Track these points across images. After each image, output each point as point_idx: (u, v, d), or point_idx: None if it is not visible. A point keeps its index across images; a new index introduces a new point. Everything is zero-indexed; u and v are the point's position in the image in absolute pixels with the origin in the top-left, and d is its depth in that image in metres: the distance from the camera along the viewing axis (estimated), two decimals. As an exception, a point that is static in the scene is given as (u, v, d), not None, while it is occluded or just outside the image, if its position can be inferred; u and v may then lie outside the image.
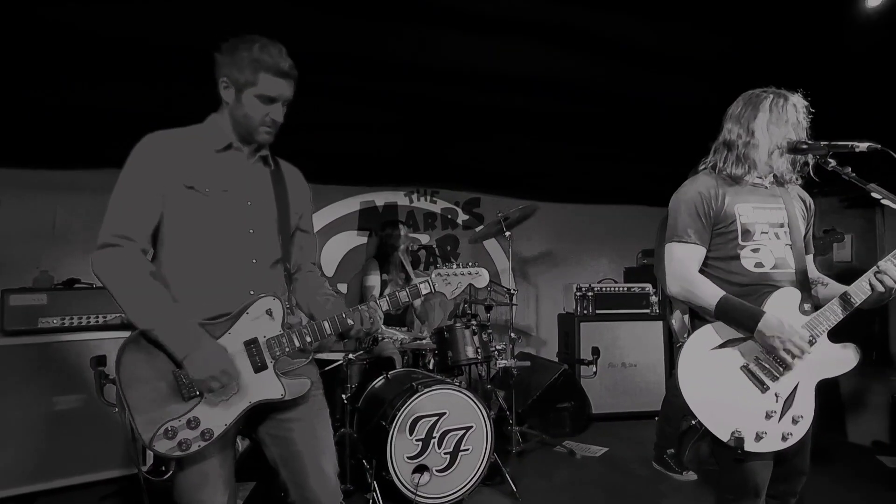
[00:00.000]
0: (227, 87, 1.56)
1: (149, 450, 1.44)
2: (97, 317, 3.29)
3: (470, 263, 1.82)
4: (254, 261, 1.58)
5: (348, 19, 3.10)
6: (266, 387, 1.54)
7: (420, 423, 2.87)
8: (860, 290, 1.72)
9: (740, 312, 1.72)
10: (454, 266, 1.78)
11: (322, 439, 1.66)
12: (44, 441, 3.04)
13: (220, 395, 1.47)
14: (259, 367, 1.53)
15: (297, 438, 1.61)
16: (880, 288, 1.68)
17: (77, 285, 3.45)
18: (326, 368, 3.14)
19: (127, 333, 1.53)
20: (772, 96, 1.82)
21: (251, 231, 1.59)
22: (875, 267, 1.70)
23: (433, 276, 1.75)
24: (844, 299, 1.73)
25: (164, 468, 2.80)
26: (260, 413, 1.60)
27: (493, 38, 3.38)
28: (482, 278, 1.82)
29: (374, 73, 3.74)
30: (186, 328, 1.47)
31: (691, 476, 3.38)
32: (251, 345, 1.53)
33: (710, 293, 1.76)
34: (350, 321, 1.61)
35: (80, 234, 3.91)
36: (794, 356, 1.68)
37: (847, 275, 1.89)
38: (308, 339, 1.57)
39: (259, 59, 1.51)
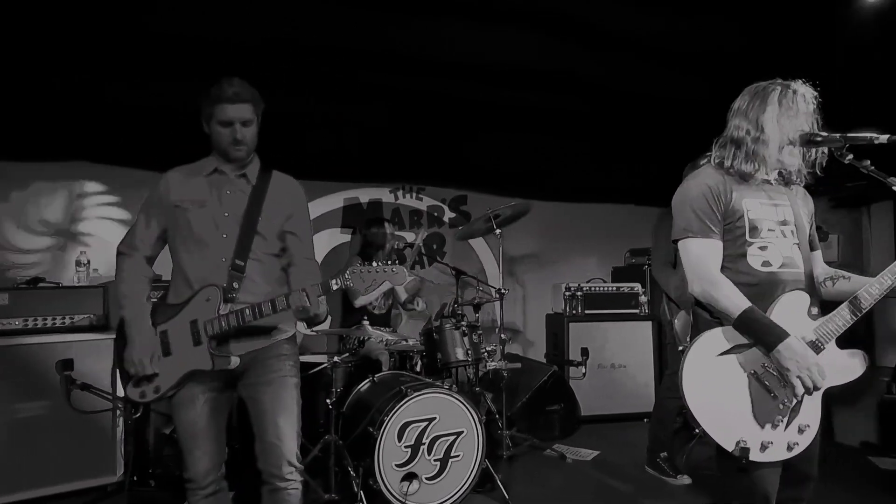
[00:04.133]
0: (205, 123, 1.97)
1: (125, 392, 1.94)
2: (64, 318, 3.10)
3: (389, 262, 1.90)
4: (223, 259, 1.93)
5: (337, 7, 2.98)
6: (199, 359, 1.88)
7: (409, 428, 2.75)
8: (869, 294, 1.65)
9: (764, 330, 1.64)
10: (371, 263, 1.89)
11: (283, 401, 1.95)
12: (5, 451, 2.86)
13: (138, 371, 1.89)
14: (197, 342, 1.89)
15: (264, 400, 1.94)
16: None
17: (42, 284, 3.25)
18: (310, 372, 3.00)
19: (94, 335, 1.87)
20: (779, 88, 1.74)
21: (224, 236, 1.95)
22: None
23: (346, 272, 1.85)
24: (854, 304, 1.66)
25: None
26: (241, 377, 1.98)
27: (482, 29, 3.28)
28: (399, 276, 1.87)
29: (357, 65, 3.62)
30: (137, 323, 1.92)
31: (685, 480, 3.31)
32: (193, 324, 1.89)
33: (734, 301, 1.67)
34: (282, 303, 1.85)
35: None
36: (804, 385, 1.62)
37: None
38: (232, 324, 1.86)
39: (211, 93, 1.90)
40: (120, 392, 3.06)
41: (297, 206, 2.09)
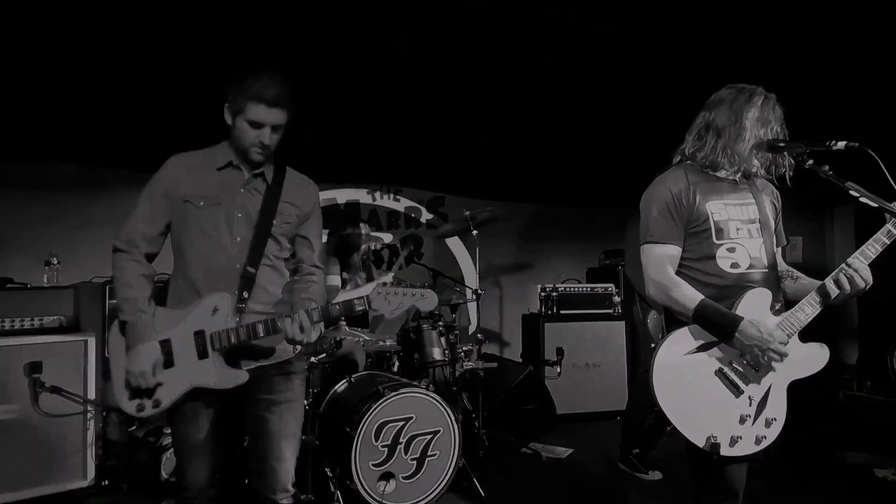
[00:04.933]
0: (227, 112, 1.79)
1: (119, 406, 1.77)
2: (32, 320, 3.02)
3: (419, 284, 1.79)
4: (237, 265, 1.78)
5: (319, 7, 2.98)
6: (204, 373, 1.73)
7: (386, 428, 2.76)
8: (836, 285, 1.70)
9: (718, 318, 1.70)
10: (400, 283, 1.78)
11: (289, 425, 1.86)
12: (-30, 457, 2.77)
13: (140, 383, 1.71)
14: (202, 355, 1.73)
15: (270, 420, 1.82)
16: (846, 287, 1.66)
17: (10, 285, 3.17)
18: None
19: (64, 337, 1.79)
20: (763, 96, 1.80)
21: (237, 239, 1.80)
22: (844, 263, 1.68)
23: (373, 291, 1.73)
24: (822, 293, 1.71)
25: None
26: (247, 392, 1.82)
27: (454, 31, 3.31)
28: (429, 301, 1.75)
29: (334, 64, 3.61)
30: (140, 330, 1.72)
31: (656, 475, 3.39)
32: (198, 335, 1.73)
33: (688, 297, 1.73)
34: (282, 326, 1.73)
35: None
36: (772, 361, 1.68)
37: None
38: (240, 338, 1.72)
39: (247, 89, 1.72)
40: (91, 395, 3.03)
41: (313, 208, 1.95)
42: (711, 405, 1.69)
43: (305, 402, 2.89)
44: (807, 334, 1.78)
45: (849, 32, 3.03)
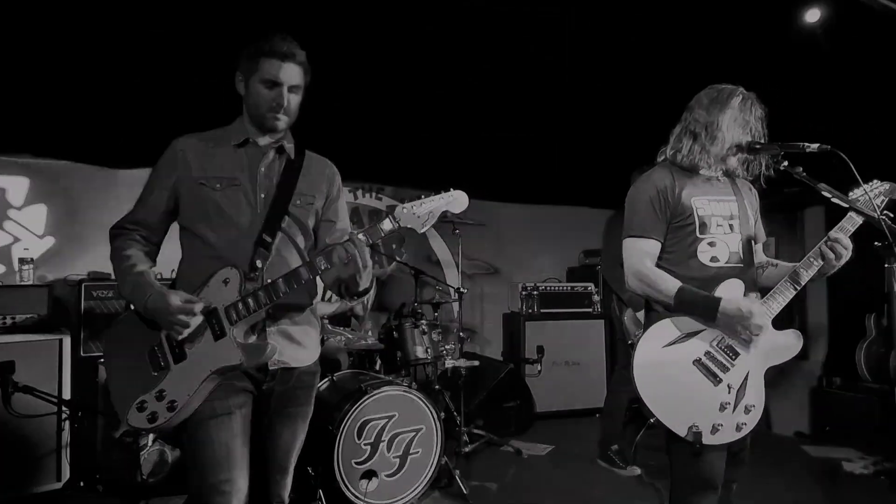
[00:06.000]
0: (241, 80, 1.67)
1: (125, 425, 1.54)
2: (3, 318, 2.95)
3: (442, 190, 1.59)
4: (253, 235, 1.62)
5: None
6: (225, 354, 1.53)
7: (369, 426, 2.76)
8: (808, 267, 1.76)
9: (699, 301, 1.75)
10: (421, 196, 1.58)
11: (299, 438, 1.75)
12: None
13: (181, 322, 1.51)
14: (218, 335, 1.54)
15: (282, 433, 1.70)
16: (831, 255, 1.72)
17: (-20, 283, 3.09)
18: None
19: (38, 336, 1.70)
20: (741, 96, 1.85)
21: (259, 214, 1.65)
22: (826, 237, 1.74)
23: (397, 210, 1.55)
24: (793, 278, 1.77)
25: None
26: (266, 402, 1.67)
27: (441, 31, 3.32)
28: (459, 202, 1.60)
29: (317, 62, 3.59)
30: (145, 282, 1.57)
31: (635, 471, 3.45)
32: (210, 314, 1.54)
33: (668, 285, 1.78)
34: (323, 262, 1.52)
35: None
36: (753, 337, 1.72)
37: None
38: (262, 302, 1.54)
39: (260, 46, 1.61)
40: (66, 395, 2.97)
41: (337, 191, 1.82)
42: (692, 395, 1.73)
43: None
44: (776, 327, 1.83)
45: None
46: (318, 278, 1.59)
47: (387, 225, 1.54)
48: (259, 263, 1.59)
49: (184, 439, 1.57)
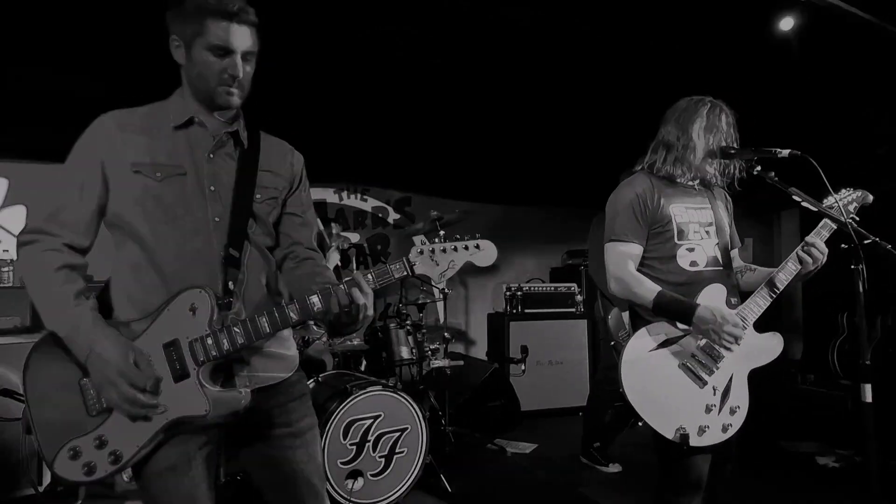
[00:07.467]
0: (178, 45, 1.33)
1: (51, 472, 1.23)
2: (-17, 321, 2.92)
3: (468, 237, 1.38)
4: (217, 250, 1.32)
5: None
6: (187, 400, 1.22)
7: (355, 426, 2.78)
8: (786, 273, 1.82)
9: (676, 307, 1.80)
10: (444, 240, 1.37)
11: (317, 459, 1.47)
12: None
13: (136, 408, 1.21)
14: (179, 376, 1.23)
15: (295, 459, 1.41)
16: (808, 260, 1.78)
17: (-41, 285, 3.04)
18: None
19: (20, 338, 1.37)
20: (709, 104, 1.92)
21: (216, 220, 1.34)
22: (803, 241, 1.80)
23: (414, 252, 1.34)
24: (770, 285, 1.83)
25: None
26: (253, 429, 1.38)
27: (425, 33, 3.34)
28: (486, 255, 1.39)
29: (301, 64, 3.59)
30: (89, 325, 1.23)
31: (616, 468, 3.51)
32: (170, 347, 1.24)
33: (647, 289, 1.83)
34: (317, 305, 1.26)
35: None
36: (728, 345, 1.77)
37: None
38: (238, 343, 1.25)
39: (203, 3, 1.27)
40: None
41: (300, 178, 1.53)
42: (679, 397, 1.77)
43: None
44: (759, 329, 1.89)
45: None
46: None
47: (399, 271, 1.33)
48: (231, 286, 1.31)
49: (138, 485, 1.31)
